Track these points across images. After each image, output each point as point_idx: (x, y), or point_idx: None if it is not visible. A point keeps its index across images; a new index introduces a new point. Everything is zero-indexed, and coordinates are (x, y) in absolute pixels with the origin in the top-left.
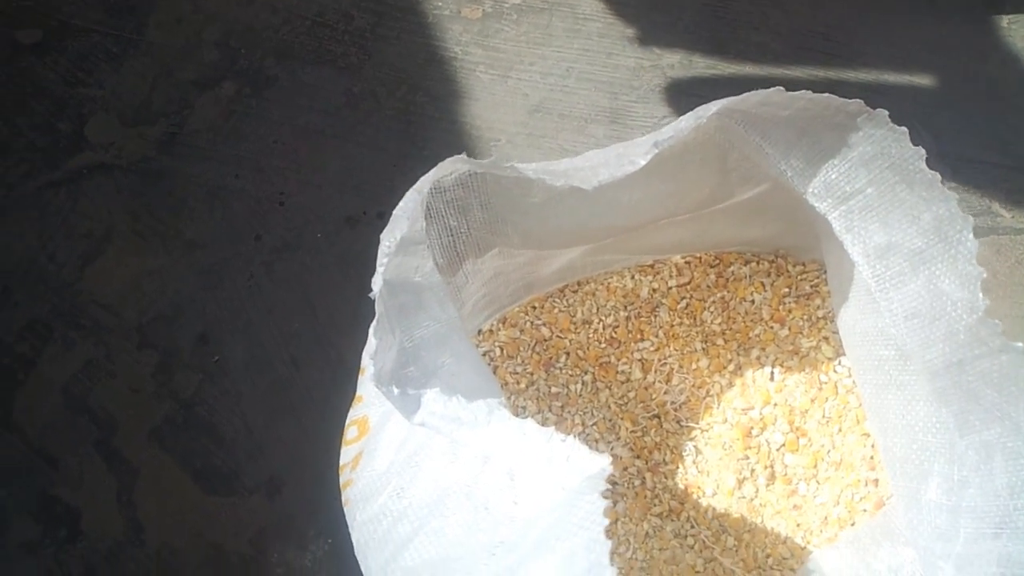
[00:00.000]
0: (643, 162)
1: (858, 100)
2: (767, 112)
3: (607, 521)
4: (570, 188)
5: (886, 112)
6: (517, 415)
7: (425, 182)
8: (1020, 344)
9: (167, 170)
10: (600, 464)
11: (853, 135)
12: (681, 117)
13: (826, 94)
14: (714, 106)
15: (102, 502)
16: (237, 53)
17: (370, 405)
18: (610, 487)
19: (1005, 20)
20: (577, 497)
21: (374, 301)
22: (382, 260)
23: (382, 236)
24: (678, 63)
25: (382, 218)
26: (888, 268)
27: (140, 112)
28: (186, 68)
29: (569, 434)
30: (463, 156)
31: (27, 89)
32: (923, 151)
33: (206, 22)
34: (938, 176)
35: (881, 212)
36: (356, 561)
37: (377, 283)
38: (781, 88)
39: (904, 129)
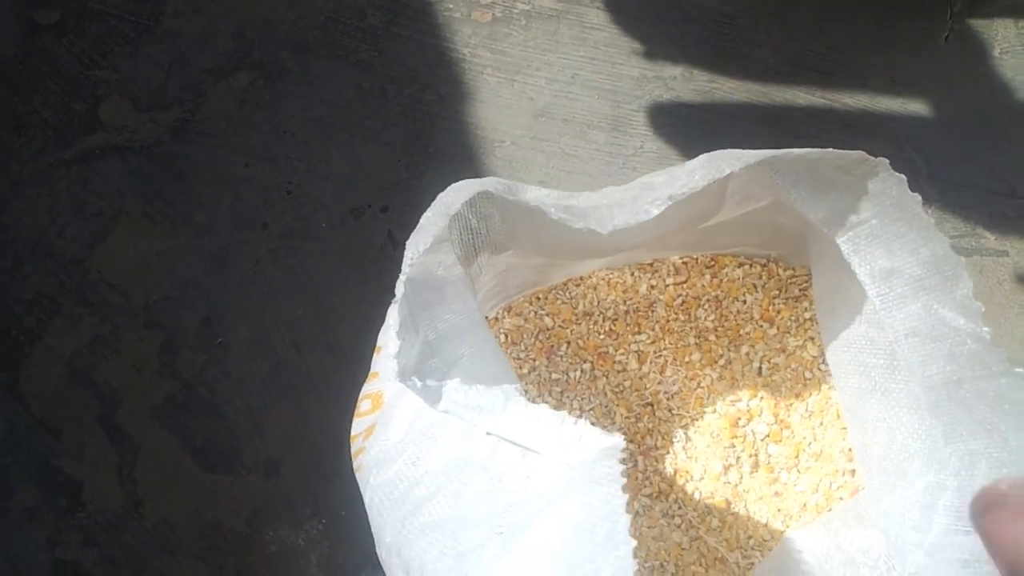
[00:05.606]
0: (656, 211)
1: (860, 151)
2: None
3: (624, 480)
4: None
5: (887, 160)
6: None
7: (456, 199)
8: (1021, 370)
9: (178, 155)
10: (613, 440)
11: (857, 176)
12: (696, 168)
13: (828, 148)
14: (727, 167)
15: (103, 475)
16: (252, 44)
17: (385, 381)
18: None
19: (997, 51)
20: (595, 463)
21: (394, 299)
22: (405, 268)
23: (407, 244)
24: (680, 75)
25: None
26: (892, 289)
27: (154, 97)
28: (201, 56)
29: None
30: (496, 178)
31: (43, 68)
32: (919, 197)
33: (222, 12)
34: (932, 221)
35: (885, 240)
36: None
37: (400, 289)
38: (790, 151)
39: (903, 176)
